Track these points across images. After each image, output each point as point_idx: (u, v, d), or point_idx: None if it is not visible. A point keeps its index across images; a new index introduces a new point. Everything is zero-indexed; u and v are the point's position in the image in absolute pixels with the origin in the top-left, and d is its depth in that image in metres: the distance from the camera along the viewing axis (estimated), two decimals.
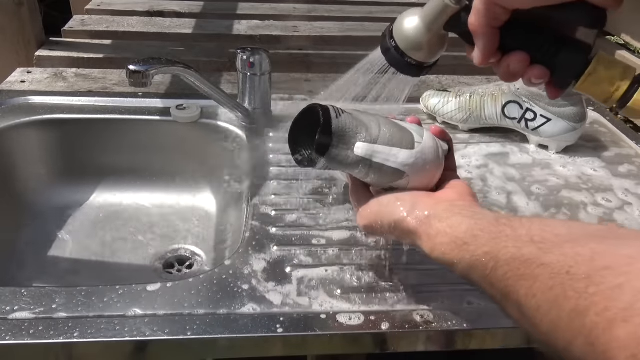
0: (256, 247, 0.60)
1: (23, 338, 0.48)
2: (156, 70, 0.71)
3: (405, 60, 0.49)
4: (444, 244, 0.43)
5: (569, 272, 0.31)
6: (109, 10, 1.32)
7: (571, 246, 0.33)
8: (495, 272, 0.37)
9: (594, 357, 0.28)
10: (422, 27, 0.47)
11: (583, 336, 0.28)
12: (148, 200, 0.87)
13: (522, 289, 0.34)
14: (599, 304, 0.28)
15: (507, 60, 0.44)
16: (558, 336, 0.30)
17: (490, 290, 0.39)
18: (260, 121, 0.85)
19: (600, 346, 0.27)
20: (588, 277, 0.29)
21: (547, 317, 0.31)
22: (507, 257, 0.36)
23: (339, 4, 1.45)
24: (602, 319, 0.27)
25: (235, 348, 0.51)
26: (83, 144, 0.86)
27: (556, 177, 0.77)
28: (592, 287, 0.29)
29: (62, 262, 0.77)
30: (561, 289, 0.30)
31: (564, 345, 0.30)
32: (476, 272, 0.40)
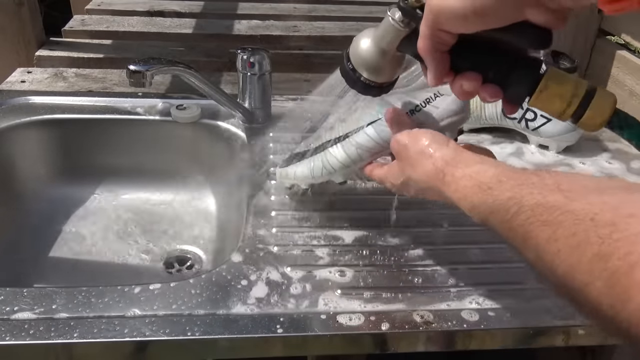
0: (256, 247, 0.60)
1: (23, 338, 0.48)
2: (156, 70, 0.71)
3: (363, 82, 0.50)
4: (467, 187, 0.43)
5: (594, 219, 0.31)
6: (109, 10, 1.31)
7: (598, 195, 0.33)
8: (517, 217, 0.37)
9: (611, 299, 0.28)
10: (376, 50, 0.48)
11: (603, 279, 0.29)
12: (148, 200, 0.87)
13: (544, 233, 0.34)
14: (621, 249, 0.28)
15: (459, 80, 0.45)
16: (575, 278, 0.31)
17: (509, 234, 0.38)
18: (260, 121, 0.85)
19: (620, 288, 0.27)
20: (613, 224, 0.30)
21: (567, 261, 0.32)
22: (531, 203, 0.37)
23: (339, 4, 1.45)
24: (624, 262, 0.27)
25: (235, 348, 0.51)
26: (83, 144, 0.86)
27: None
28: (616, 233, 0.29)
29: (62, 263, 0.77)
30: (584, 235, 0.31)
31: (580, 287, 0.30)
32: (497, 216, 0.40)
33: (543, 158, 0.82)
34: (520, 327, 0.53)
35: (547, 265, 0.34)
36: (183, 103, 0.87)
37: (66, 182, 0.86)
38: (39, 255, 0.77)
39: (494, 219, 0.40)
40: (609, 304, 0.28)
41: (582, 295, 0.30)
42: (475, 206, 0.42)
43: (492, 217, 0.41)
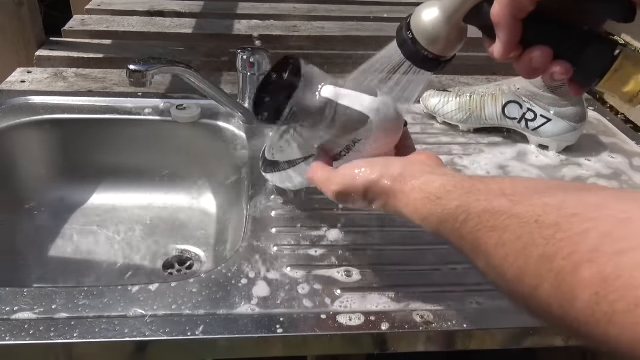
0: (256, 247, 0.60)
1: (23, 338, 0.48)
2: (156, 70, 0.71)
3: (423, 53, 0.47)
4: (417, 200, 0.43)
5: (538, 220, 0.31)
6: (109, 10, 1.31)
7: (539, 197, 0.33)
8: (465, 224, 0.37)
9: (559, 299, 0.28)
10: (442, 19, 0.46)
11: (550, 280, 0.29)
12: (148, 200, 0.87)
13: (492, 240, 0.34)
14: (565, 249, 0.28)
15: (529, 54, 0.42)
16: (524, 282, 0.31)
17: (460, 243, 0.38)
18: None
19: (566, 287, 0.28)
20: (556, 224, 0.30)
21: (515, 264, 0.32)
22: (478, 210, 0.37)
23: (339, 4, 1.45)
24: (568, 262, 0.28)
25: (235, 348, 0.51)
26: (83, 144, 0.86)
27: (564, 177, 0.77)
28: (559, 234, 0.29)
29: (62, 263, 0.77)
30: (530, 237, 0.31)
31: (529, 291, 0.31)
32: (447, 225, 0.40)
33: (547, 160, 0.82)
34: (520, 327, 0.53)
35: (498, 271, 0.34)
36: (183, 103, 0.87)
37: (66, 182, 0.86)
38: (39, 255, 0.77)
39: (444, 229, 0.40)
40: (557, 304, 0.28)
41: (533, 299, 0.31)
42: (425, 218, 0.42)
43: (442, 227, 0.41)
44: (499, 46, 0.43)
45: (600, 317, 0.26)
